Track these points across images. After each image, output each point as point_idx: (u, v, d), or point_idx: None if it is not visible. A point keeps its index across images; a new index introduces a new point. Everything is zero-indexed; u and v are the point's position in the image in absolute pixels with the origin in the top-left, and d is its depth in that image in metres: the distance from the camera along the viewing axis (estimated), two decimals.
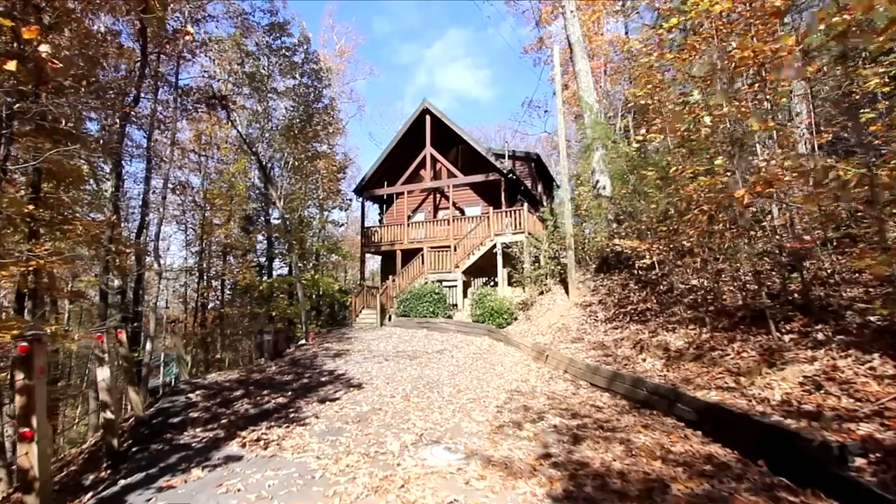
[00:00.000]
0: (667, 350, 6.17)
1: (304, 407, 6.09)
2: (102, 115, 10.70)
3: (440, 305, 14.41)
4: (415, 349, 10.77)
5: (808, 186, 4.30)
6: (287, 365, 9.54)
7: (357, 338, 12.74)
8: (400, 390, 7.00)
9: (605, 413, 5.40)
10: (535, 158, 20.61)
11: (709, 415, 4.33)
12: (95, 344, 4.98)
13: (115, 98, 9.77)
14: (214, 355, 21.61)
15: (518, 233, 14.62)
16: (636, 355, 6.65)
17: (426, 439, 4.66)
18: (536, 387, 7.13)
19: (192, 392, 7.18)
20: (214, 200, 19.05)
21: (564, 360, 7.77)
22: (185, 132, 19.77)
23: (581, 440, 4.49)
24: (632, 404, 5.58)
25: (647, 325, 7.33)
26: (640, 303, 8.25)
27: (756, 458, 3.61)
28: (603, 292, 9.78)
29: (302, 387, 7.38)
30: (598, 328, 8.51)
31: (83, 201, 11.25)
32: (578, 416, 5.35)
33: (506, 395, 6.68)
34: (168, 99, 13.72)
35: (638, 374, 5.88)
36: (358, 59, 40.95)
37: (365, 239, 18.74)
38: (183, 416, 5.99)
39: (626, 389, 5.91)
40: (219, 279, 21.51)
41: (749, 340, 5.23)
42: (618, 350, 7.15)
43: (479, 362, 9.15)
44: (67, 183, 10.26)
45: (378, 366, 8.90)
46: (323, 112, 16.67)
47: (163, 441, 4.99)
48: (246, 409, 6.06)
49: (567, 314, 9.76)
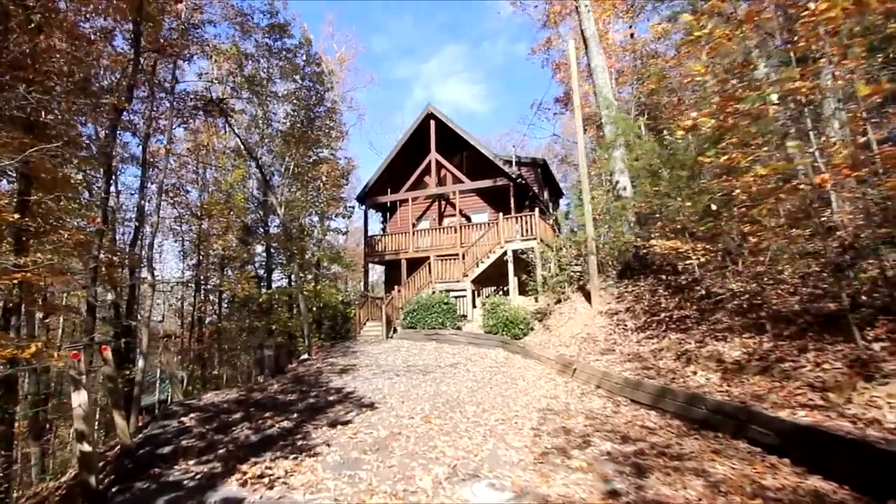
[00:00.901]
0: (721, 362, 5.49)
1: (313, 432, 5.36)
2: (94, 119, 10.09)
3: (449, 316, 13.69)
4: (426, 363, 10.05)
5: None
6: (290, 382, 8.80)
7: (363, 351, 11.99)
8: (418, 410, 6.28)
9: (660, 436, 4.70)
10: (542, 164, 20.04)
11: (800, 440, 3.64)
12: (70, 364, 4.28)
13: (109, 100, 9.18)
14: (211, 371, 20.75)
15: (529, 239, 13.97)
16: (682, 368, 5.95)
17: (462, 472, 3.95)
18: (569, 404, 6.42)
19: (186, 415, 6.43)
20: (212, 211, 18.39)
21: (596, 374, 7.07)
22: (183, 143, 19.23)
23: (646, 472, 3.79)
24: (688, 425, 4.88)
25: (688, 334, 6.65)
26: (675, 309, 7.58)
27: (882, 496, 2.91)
28: (629, 299, 9.10)
29: (308, 408, 6.65)
30: (629, 338, 7.82)
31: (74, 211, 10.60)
32: (630, 440, 4.64)
33: (537, 414, 5.97)
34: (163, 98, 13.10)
35: (692, 390, 5.19)
36: (358, 67, 40.45)
37: (368, 248, 18.05)
38: (174, 444, 5.26)
39: (678, 407, 5.21)
40: (216, 292, 20.76)
41: (826, 350, 4.55)
42: (658, 362, 6.46)
43: (497, 377, 8.43)
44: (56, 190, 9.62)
45: (389, 382, 8.17)
46: (325, 116, 16.10)
47: (149, 478, 4.26)
48: (246, 436, 5.33)
49: (591, 323, 9.07)
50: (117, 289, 15.31)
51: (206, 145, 18.13)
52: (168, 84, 13.42)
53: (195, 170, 18.51)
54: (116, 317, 15.43)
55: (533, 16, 27.35)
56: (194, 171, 18.56)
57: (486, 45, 69.29)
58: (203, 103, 14.06)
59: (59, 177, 9.04)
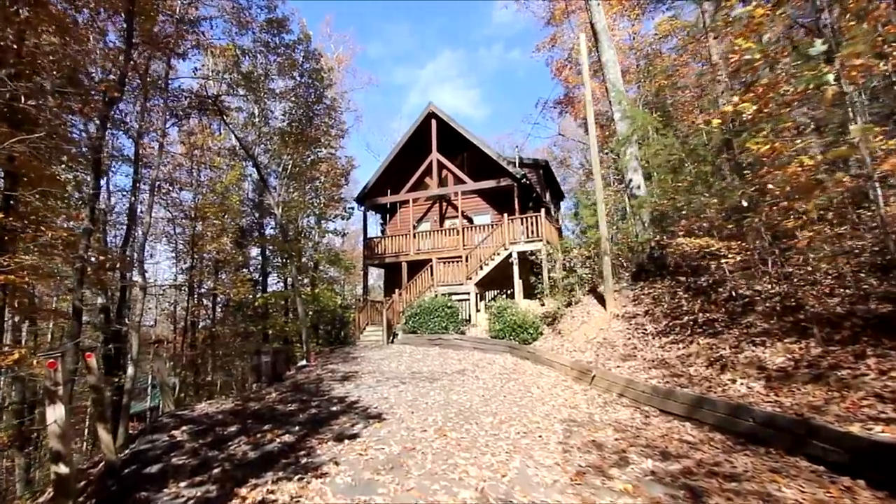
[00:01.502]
0: (762, 369, 5.06)
1: (318, 448, 4.86)
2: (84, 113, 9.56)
3: (453, 320, 13.22)
4: (432, 370, 9.57)
5: None
6: (289, 391, 8.27)
7: (364, 357, 11.48)
8: (430, 421, 5.80)
9: (704, 452, 4.25)
10: (544, 166, 19.64)
11: (879, 459, 3.21)
12: (47, 374, 3.77)
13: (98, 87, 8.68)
14: (205, 378, 20.08)
15: (534, 240, 13.55)
16: (717, 375, 5.52)
17: (492, 498, 3.48)
18: (593, 415, 5.97)
19: (177, 428, 5.90)
20: (206, 213, 17.81)
21: (619, 382, 6.62)
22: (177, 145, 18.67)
23: (703, 496, 3.34)
24: (733, 439, 4.44)
25: (720, 339, 6.22)
26: (700, 312, 7.15)
27: None
28: (647, 302, 8.68)
29: (311, 419, 6.14)
30: (650, 343, 7.38)
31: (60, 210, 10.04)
32: (673, 457, 4.19)
33: (561, 426, 5.51)
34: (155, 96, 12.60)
35: (735, 400, 4.75)
36: (356, 69, 39.90)
37: (367, 250, 17.54)
38: (164, 462, 4.74)
39: (718, 419, 4.77)
40: (210, 296, 20.14)
41: (890, 356, 4.13)
42: (688, 369, 6.02)
43: (509, 384, 7.96)
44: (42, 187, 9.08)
45: (395, 390, 7.68)
46: (324, 114, 15.60)
47: (135, 503, 3.75)
48: (244, 453, 4.82)
49: (607, 327, 8.63)
50: (107, 292, 14.71)
51: (200, 145, 17.56)
52: (161, 81, 12.93)
53: (189, 171, 17.95)
54: (107, 321, 14.82)
55: (536, 13, 27.03)
56: (188, 172, 18.00)
57: (482, 52, 69.23)
58: (198, 101, 13.56)
59: (46, 174, 8.52)
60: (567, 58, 20.74)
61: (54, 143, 7.30)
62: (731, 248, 5.75)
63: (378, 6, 61.78)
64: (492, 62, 69.19)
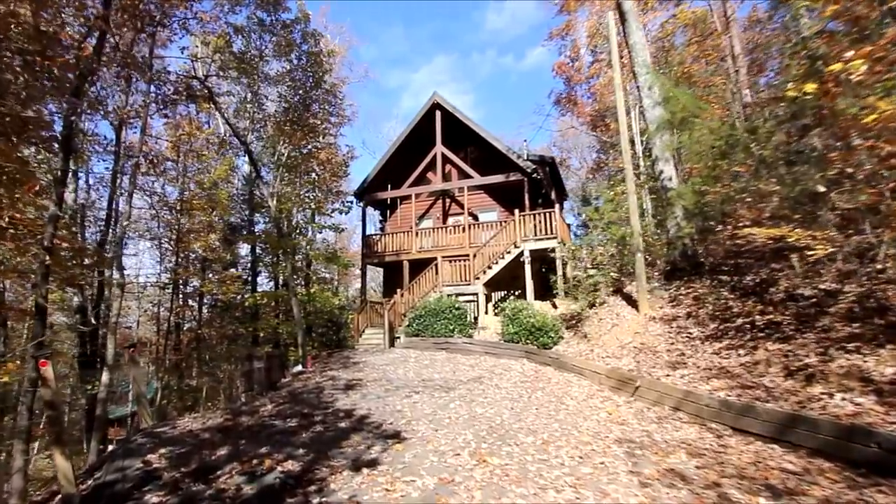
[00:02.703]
0: (867, 381, 4.23)
1: (331, 480, 3.89)
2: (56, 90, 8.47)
3: (460, 323, 12.28)
4: (443, 377, 8.63)
5: None
6: (286, 401, 7.25)
7: (366, 363, 10.47)
8: (461, 442, 4.86)
9: (823, 487, 3.38)
10: (550, 162, 18.75)
11: None
12: None
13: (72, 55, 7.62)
14: (189, 383, 18.83)
15: (549, 238, 12.71)
16: (802, 388, 4.67)
17: None
18: (651, 433, 5.09)
19: (154, 451, 4.87)
20: (193, 207, 16.64)
21: (672, 394, 5.76)
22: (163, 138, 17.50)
23: None
24: (851, 469, 3.59)
25: (793, 345, 5.39)
26: (758, 315, 6.33)
27: None
28: (687, 303, 7.84)
29: (316, 439, 5.15)
30: (700, 349, 6.54)
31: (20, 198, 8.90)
32: (786, 494, 3.32)
33: (620, 449, 4.61)
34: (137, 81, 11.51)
35: (844, 420, 3.89)
36: (352, 61, 38.82)
37: (366, 248, 16.53)
38: (135, 499, 3.74)
39: (821, 442, 3.92)
40: (196, 296, 18.92)
41: None
42: (760, 379, 5.17)
43: (537, 394, 7.07)
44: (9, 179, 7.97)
45: (408, 401, 6.73)
46: (323, 100, 14.59)
47: None
48: (238, 487, 3.82)
49: (644, 331, 7.78)
50: (82, 290, 13.49)
51: (188, 133, 16.42)
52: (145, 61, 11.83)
53: (175, 162, 16.80)
54: (83, 322, 13.60)
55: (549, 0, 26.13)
56: (174, 164, 16.84)
57: (475, 57, 68.52)
58: (185, 84, 12.47)
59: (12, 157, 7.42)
60: (572, 52, 20.05)
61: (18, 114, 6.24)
62: (820, 240, 4.91)
63: (371, 7, 60.74)
64: (485, 67, 68.56)
